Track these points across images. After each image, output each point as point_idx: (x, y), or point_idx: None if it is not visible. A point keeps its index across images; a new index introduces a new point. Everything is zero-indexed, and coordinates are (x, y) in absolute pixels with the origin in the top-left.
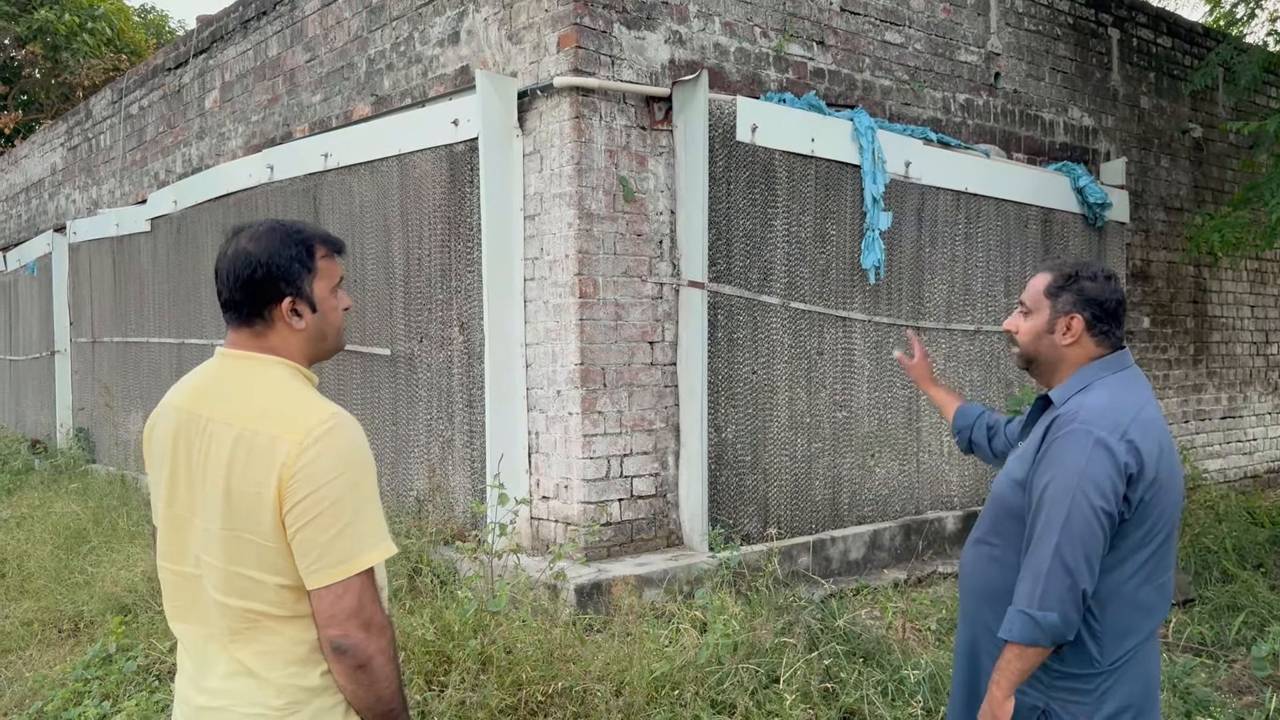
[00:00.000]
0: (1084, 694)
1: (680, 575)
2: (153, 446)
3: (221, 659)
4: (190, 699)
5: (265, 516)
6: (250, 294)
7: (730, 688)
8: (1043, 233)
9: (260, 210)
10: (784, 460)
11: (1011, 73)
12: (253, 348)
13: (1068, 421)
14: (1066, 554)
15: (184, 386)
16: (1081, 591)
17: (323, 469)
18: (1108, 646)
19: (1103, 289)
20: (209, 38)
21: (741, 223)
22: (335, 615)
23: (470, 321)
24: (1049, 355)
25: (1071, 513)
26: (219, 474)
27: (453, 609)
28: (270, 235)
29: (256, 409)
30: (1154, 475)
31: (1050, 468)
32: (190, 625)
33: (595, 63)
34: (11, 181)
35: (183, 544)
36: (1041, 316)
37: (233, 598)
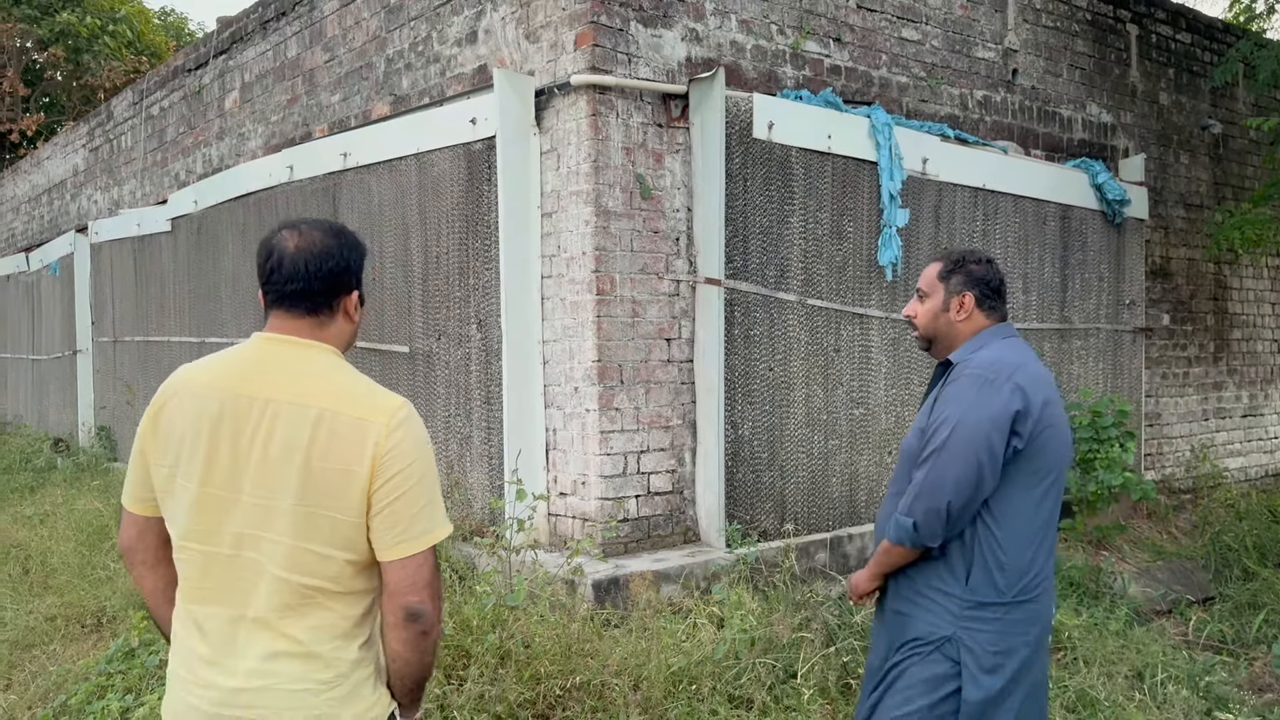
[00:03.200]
0: (988, 623)
1: (697, 571)
2: (172, 427)
3: (261, 638)
4: (216, 682)
5: (353, 493)
6: (328, 284)
7: (748, 683)
8: (1061, 229)
9: (280, 210)
10: (801, 457)
11: (1029, 69)
12: (309, 335)
13: (962, 370)
14: (937, 472)
15: (218, 368)
16: (946, 505)
17: (409, 449)
18: (1012, 577)
19: (986, 270)
20: (229, 39)
21: (758, 219)
22: (416, 583)
23: (488, 319)
24: (946, 331)
25: (952, 438)
26: (293, 452)
27: (471, 604)
28: (345, 234)
29: (332, 391)
30: (1039, 416)
31: (943, 406)
32: (216, 606)
33: (612, 61)
34: (34, 182)
35: (217, 524)
36: (937, 298)
37: (296, 573)
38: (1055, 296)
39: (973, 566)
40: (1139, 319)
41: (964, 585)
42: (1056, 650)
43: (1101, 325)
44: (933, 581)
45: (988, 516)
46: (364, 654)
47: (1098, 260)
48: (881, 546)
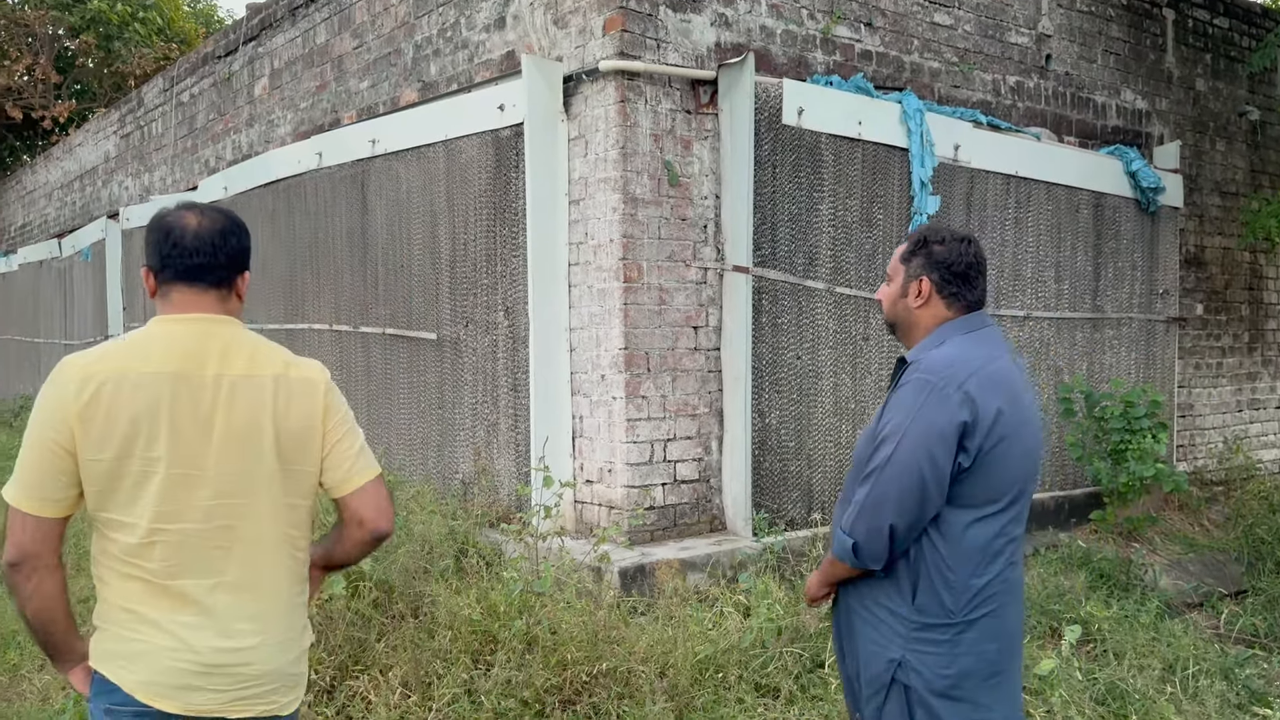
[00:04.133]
0: (938, 644)
1: (723, 560)
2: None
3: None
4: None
5: (314, 445)
6: (231, 259)
7: (774, 671)
8: (1094, 217)
9: (309, 196)
10: (828, 446)
11: (1063, 54)
12: (219, 311)
13: (912, 372)
14: (879, 489)
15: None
16: (889, 526)
17: (340, 398)
18: (961, 598)
19: (951, 251)
20: (258, 25)
21: (787, 207)
22: (380, 506)
23: (515, 306)
24: (904, 318)
25: (896, 452)
26: (261, 418)
27: (498, 590)
28: (235, 217)
29: (273, 358)
30: (992, 427)
31: (889, 412)
32: (196, 579)
33: (641, 46)
34: (66, 169)
35: (187, 501)
36: (897, 282)
37: (280, 526)
38: (1088, 285)
39: (918, 585)
40: (1172, 308)
41: (910, 605)
42: (1086, 642)
43: (1134, 315)
44: (880, 598)
45: (934, 533)
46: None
47: (1131, 249)
48: (827, 559)
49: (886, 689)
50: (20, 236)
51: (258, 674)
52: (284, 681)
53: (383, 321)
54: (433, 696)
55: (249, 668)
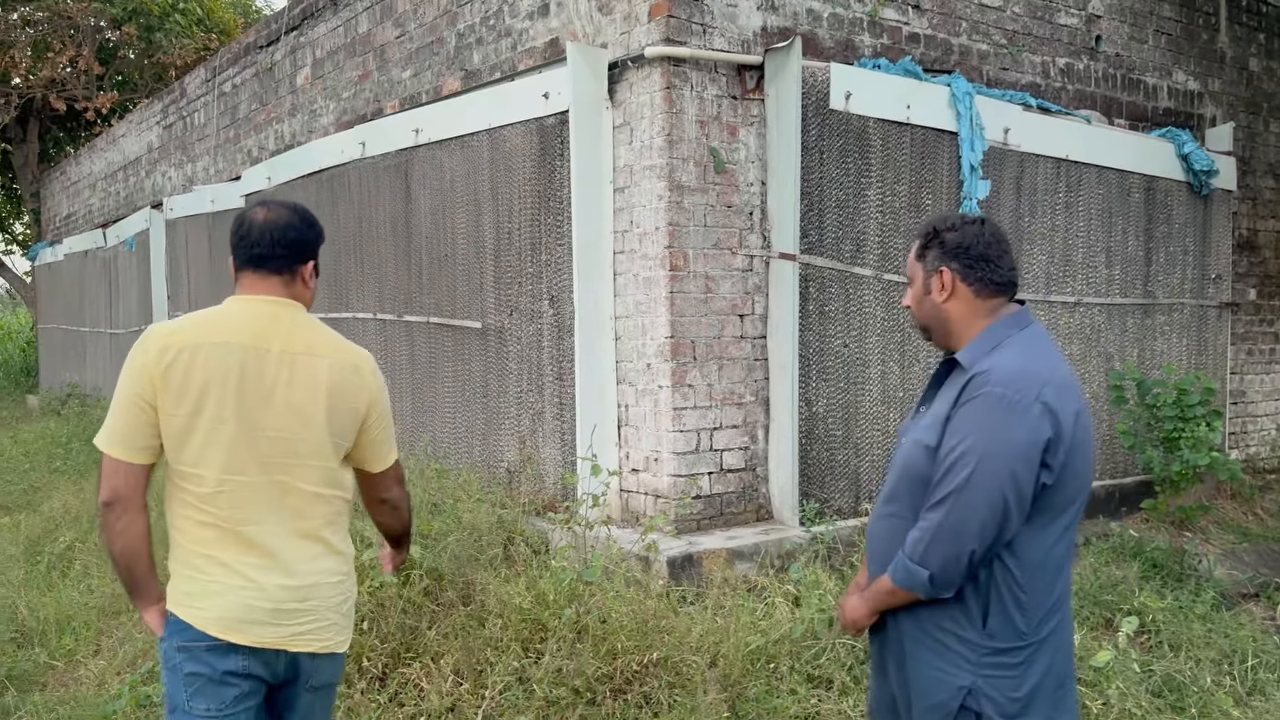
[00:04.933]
0: (1011, 669)
1: (771, 549)
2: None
3: (306, 545)
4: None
5: (355, 424)
6: (289, 250)
7: (827, 663)
8: (1146, 201)
9: (353, 186)
10: (876, 435)
11: (1113, 35)
12: (283, 294)
13: (981, 384)
14: (957, 516)
15: (223, 324)
16: (969, 554)
17: (384, 388)
18: (1034, 618)
19: (964, 235)
20: (300, 15)
21: (834, 193)
22: (391, 482)
23: (560, 295)
24: (935, 316)
25: (975, 475)
26: (316, 393)
27: (546, 578)
28: (305, 214)
29: (330, 342)
30: (1071, 438)
31: (960, 430)
32: (262, 525)
33: (686, 32)
34: (110, 160)
35: (249, 457)
36: (918, 281)
37: (328, 488)
38: (1139, 271)
39: (990, 609)
40: (1225, 294)
41: (980, 630)
42: (1140, 634)
43: (1186, 300)
44: (943, 623)
45: (1007, 555)
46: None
47: (1183, 233)
48: (883, 586)
49: (954, 717)
50: (65, 227)
51: (315, 610)
52: (337, 621)
53: (427, 310)
54: (485, 684)
55: (307, 603)
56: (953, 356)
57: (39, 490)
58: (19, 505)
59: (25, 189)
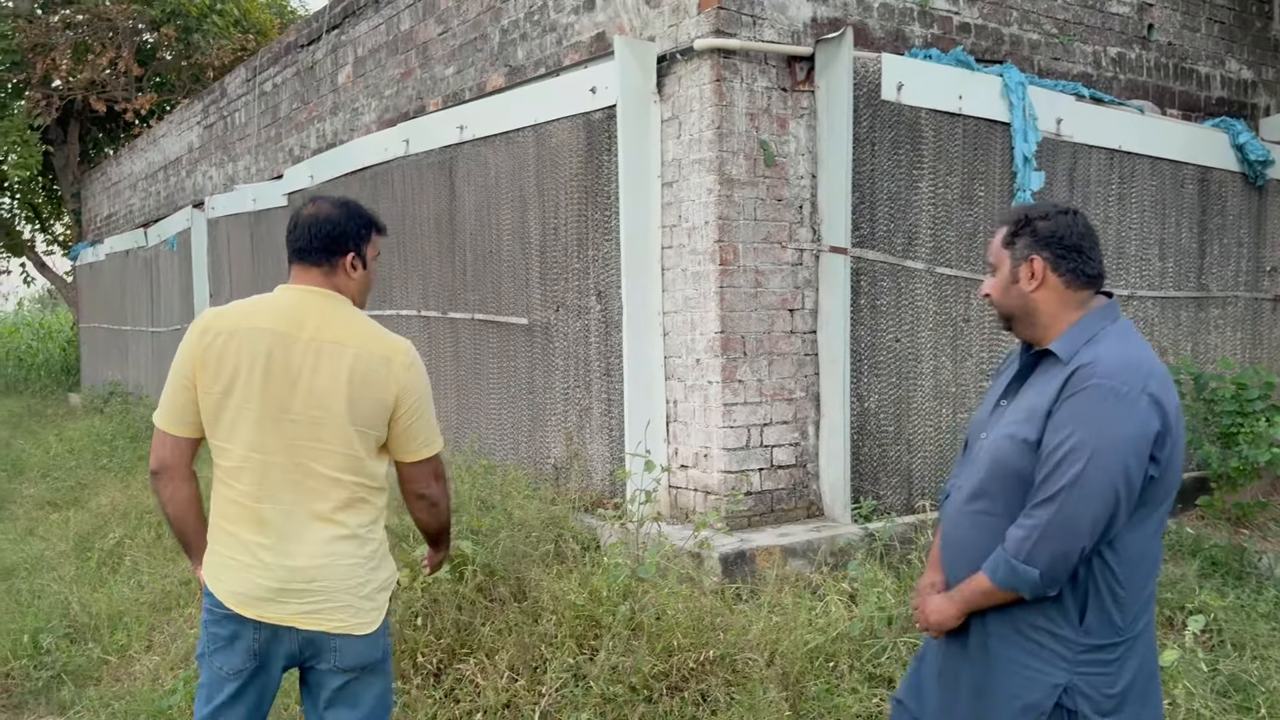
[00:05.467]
0: (1107, 665)
1: (823, 546)
2: (215, 360)
3: (319, 526)
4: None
5: (381, 414)
6: (326, 244)
7: (887, 661)
8: (1200, 193)
9: (396, 184)
10: (928, 430)
11: (1165, 24)
12: (325, 285)
13: (1087, 376)
14: (1069, 513)
15: (263, 313)
16: (1079, 551)
17: (420, 380)
18: (1130, 614)
19: (1058, 225)
20: (341, 13)
21: (885, 185)
22: (428, 477)
23: (608, 290)
24: (1021, 306)
25: (1087, 470)
26: (338, 381)
27: (599, 575)
28: (350, 207)
29: (361, 332)
30: (1176, 430)
31: (1068, 424)
32: (275, 504)
33: (736, 24)
34: (150, 160)
35: (274, 437)
36: (1004, 269)
37: (347, 474)
38: (1192, 263)
39: (1088, 606)
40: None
41: (1077, 627)
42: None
43: (1240, 293)
44: (1037, 621)
45: (1106, 551)
46: (382, 534)
47: (1237, 225)
48: (979, 586)
49: (1048, 716)
50: (106, 227)
51: (324, 591)
52: (349, 603)
53: (471, 307)
54: (540, 681)
55: (315, 583)
56: (1041, 349)
57: (86, 487)
58: (67, 502)
59: (66, 190)
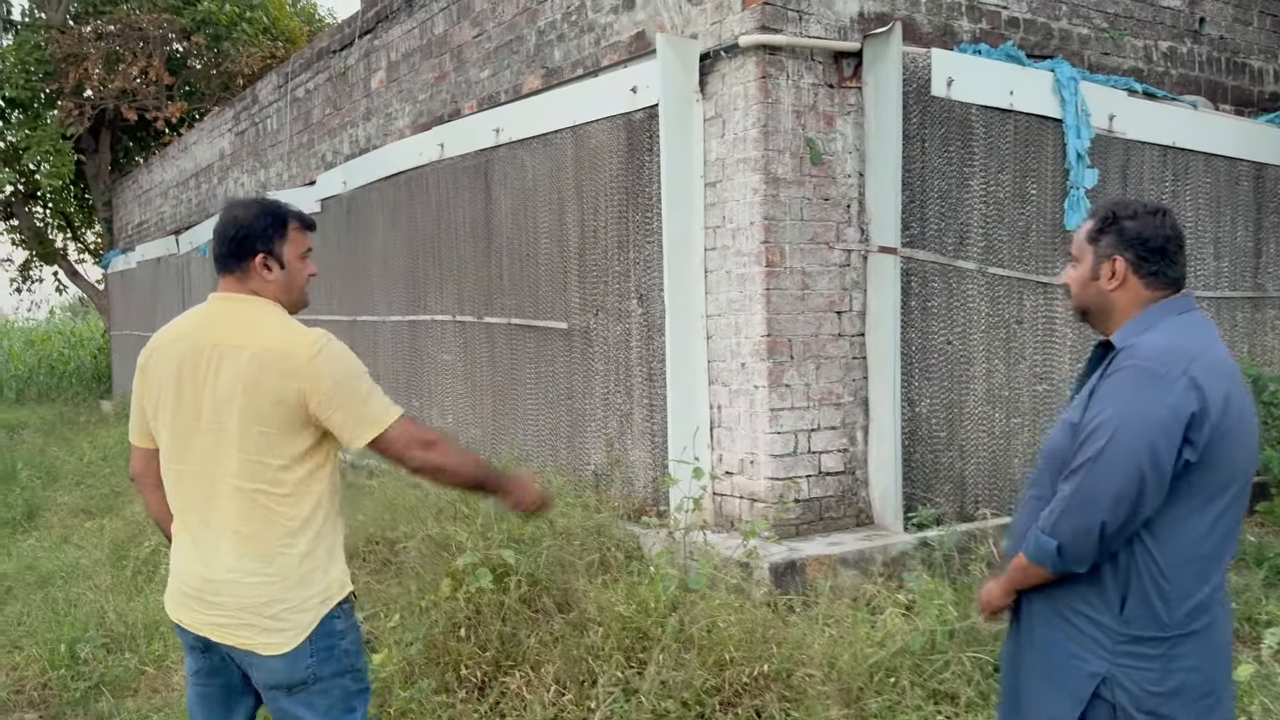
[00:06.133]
0: (1150, 660)
1: (876, 555)
2: (149, 375)
3: (227, 538)
4: (197, 572)
5: (289, 414)
6: (232, 249)
7: (951, 677)
8: (1255, 190)
9: (431, 188)
10: (981, 436)
11: (1217, 18)
12: (241, 290)
13: (1126, 358)
14: (1089, 487)
15: (181, 324)
16: (1100, 526)
17: (330, 366)
18: (1177, 609)
19: (1145, 226)
20: (374, 18)
21: (936, 183)
22: (402, 449)
23: (649, 293)
24: (1098, 303)
25: (1110, 446)
26: (235, 385)
27: (647, 585)
28: (253, 206)
29: (262, 333)
30: (1220, 418)
31: (1099, 403)
32: (193, 514)
33: (782, 19)
34: (182, 167)
35: (186, 446)
36: (1086, 264)
37: (244, 480)
38: (1248, 262)
39: (1129, 594)
40: None
41: (1117, 615)
42: None
43: None
44: (1078, 605)
45: (1148, 538)
46: (312, 546)
47: None
48: (1017, 562)
49: (1085, 704)
50: (137, 234)
51: (224, 605)
52: (253, 621)
53: (508, 312)
54: (588, 695)
55: (219, 597)
56: (1107, 341)
57: (120, 495)
58: (101, 510)
59: (98, 198)
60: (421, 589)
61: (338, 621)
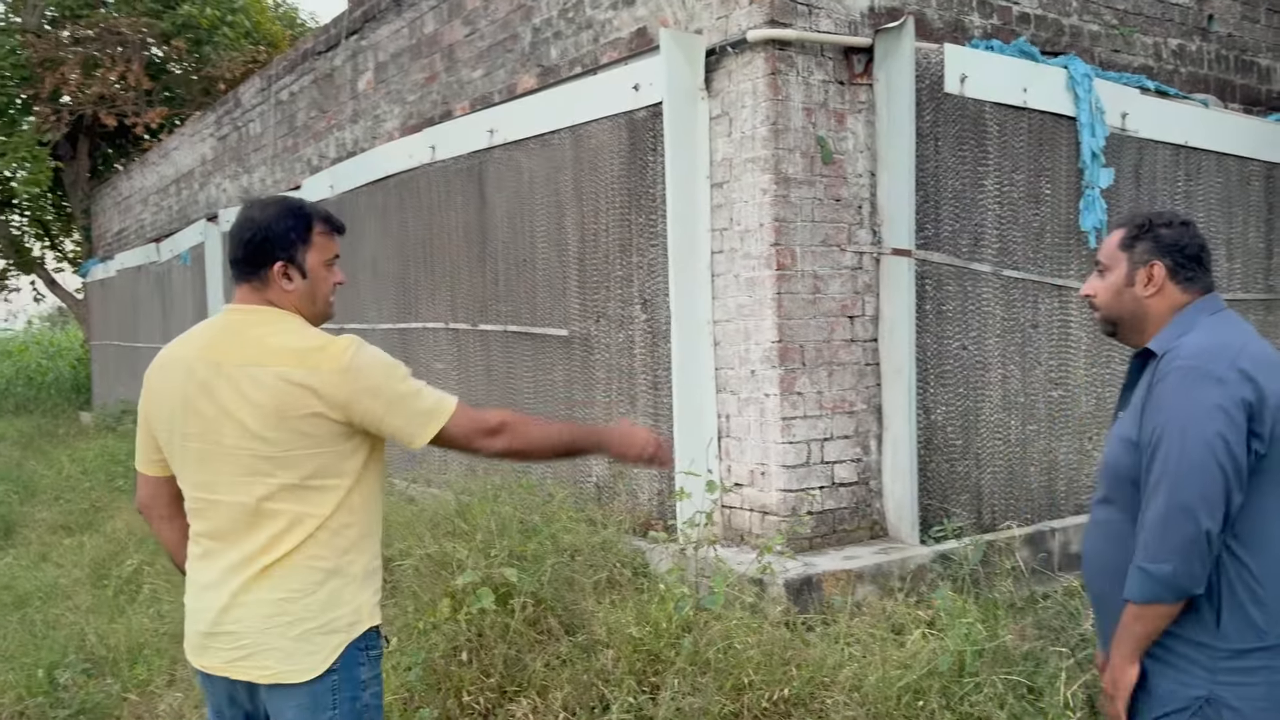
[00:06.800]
0: (1253, 673)
1: (893, 570)
2: (155, 396)
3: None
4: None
5: (328, 429)
6: (249, 254)
7: (983, 699)
8: (1265, 190)
9: (422, 191)
10: (997, 444)
11: (1225, 15)
12: (258, 300)
13: (1170, 362)
14: (1180, 496)
15: (189, 342)
16: (1205, 533)
17: (365, 372)
18: (1275, 613)
19: (1180, 235)
20: (360, 18)
21: (950, 183)
22: (468, 440)
23: (654, 299)
24: (1132, 310)
25: (1183, 451)
26: (256, 406)
27: (657, 604)
28: (272, 208)
29: (287, 347)
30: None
31: (1156, 413)
32: (217, 543)
33: (791, 13)
34: (162, 174)
35: (217, 474)
36: (1119, 271)
37: (287, 504)
38: (1260, 264)
39: (1222, 607)
40: None
41: (1215, 631)
42: None
43: None
44: (1175, 631)
45: (1235, 544)
46: (345, 565)
47: None
48: (1130, 615)
49: None
50: (116, 242)
51: (246, 633)
52: (280, 646)
53: (504, 319)
54: None
55: (240, 624)
56: (1144, 349)
57: (101, 510)
58: (81, 526)
59: (76, 206)
60: (419, 610)
61: (363, 669)
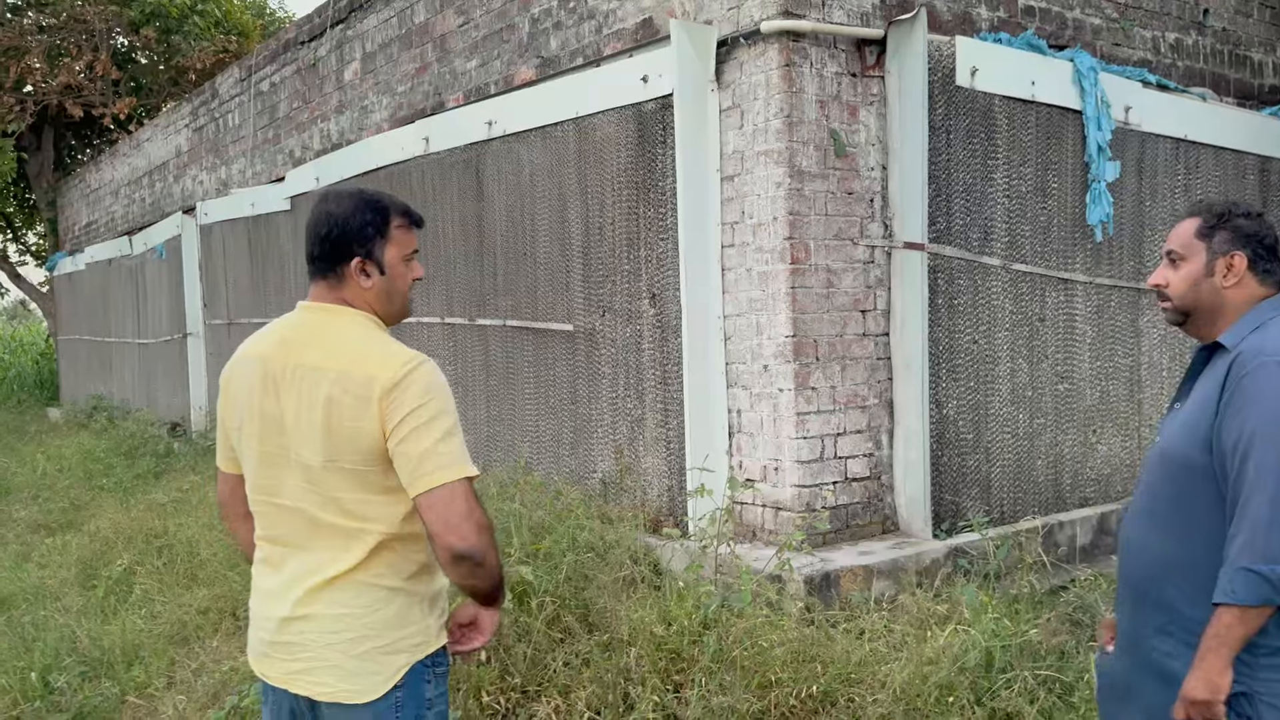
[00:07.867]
0: None
1: (908, 565)
2: (230, 394)
3: (317, 576)
4: (274, 613)
5: (364, 444)
6: (325, 250)
7: (1012, 694)
8: (1260, 184)
9: (415, 184)
10: (1005, 438)
11: (1219, 9)
12: (331, 299)
13: (1252, 358)
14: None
15: (266, 339)
16: None
17: (415, 394)
18: None
19: (1259, 226)
20: (346, 7)
21: (961, 176)
22: (449, 520)
23: (663, 293)
24: (1209, 301)
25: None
26: (316, 412)
27: (677, 602)
28: (353, 199)
29: (349, 352)
30: None
31: (1244, 410)
32: (280, 548)
33: (805, 4)
34: (134, 165)
35: (278, 478)
36: (1196, 261)
37: (340, 518)
38: None
39: None
40: None
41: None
42: None
43: None
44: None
45: None
46: (409, 584)
47: None
48: (1230, 617)
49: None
50: (85, 235)
51: (308, 646)
52: (340, 663)
53: (504, 313)
54: None
55: (304, 636)
56: (1212, 343)
57: (81, 509)
58: (62, 525)
59: (41, 198)
60: None
61: (428, 686)
